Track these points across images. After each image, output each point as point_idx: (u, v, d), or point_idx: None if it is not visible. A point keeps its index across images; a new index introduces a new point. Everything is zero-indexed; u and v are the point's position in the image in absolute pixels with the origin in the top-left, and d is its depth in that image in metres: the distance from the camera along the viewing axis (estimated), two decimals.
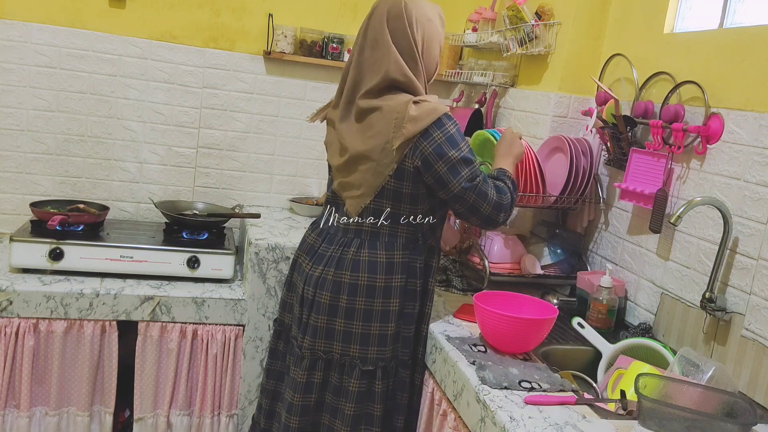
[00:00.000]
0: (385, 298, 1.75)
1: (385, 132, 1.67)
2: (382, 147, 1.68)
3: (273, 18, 2.77)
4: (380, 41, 1.70)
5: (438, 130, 1.65)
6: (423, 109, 1.65)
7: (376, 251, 1.75)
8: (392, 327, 1.76)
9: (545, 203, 2.15)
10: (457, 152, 1.67)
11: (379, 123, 1.68)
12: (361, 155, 1.72)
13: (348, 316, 1.75)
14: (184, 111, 2.80)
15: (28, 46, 2.61)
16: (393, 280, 1.76)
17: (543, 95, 2.34)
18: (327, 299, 1.76)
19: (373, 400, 1.77)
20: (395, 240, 1.77)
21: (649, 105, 1.98)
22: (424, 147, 1.65)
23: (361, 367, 1.75)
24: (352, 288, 1.74)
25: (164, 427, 2.34)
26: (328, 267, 1.77)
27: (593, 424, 1.39)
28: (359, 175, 1.74)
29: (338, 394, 1.78)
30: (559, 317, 1.72)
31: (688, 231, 1.83)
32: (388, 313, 1.75)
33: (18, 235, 2.30)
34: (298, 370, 1.80)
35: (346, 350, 1.76)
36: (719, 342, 1.69)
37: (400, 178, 1.70)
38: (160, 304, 2.28)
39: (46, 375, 2.23)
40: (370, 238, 1.77)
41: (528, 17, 2.32)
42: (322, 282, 1.77)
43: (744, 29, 1.74)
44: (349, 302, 1.74)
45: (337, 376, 1.78)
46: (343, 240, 1.79)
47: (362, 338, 1.75)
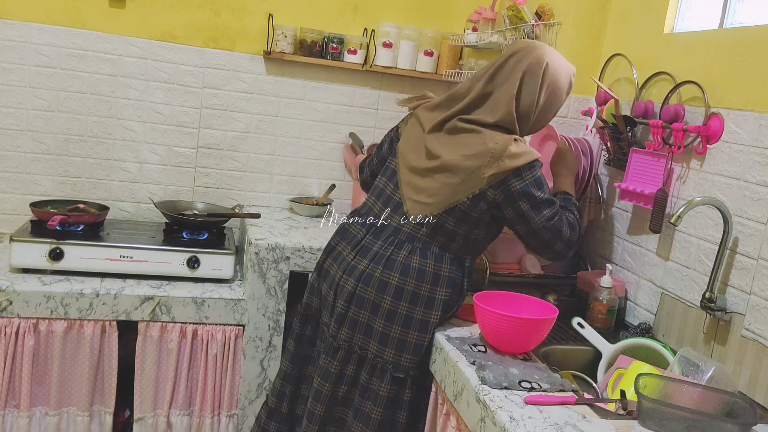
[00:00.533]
0: (427, 308, 1.75)
1: (480, 157, 1.71)
2: (473, 170, 1.71)
3: (273, 18, 2.77)
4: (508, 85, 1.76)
5: (529, 172, 1.71)
6: (522, 149, 1.71)
7: (426, 260, 1.77)
8: (428, 338, 1.76)
9: None
10: (542, 194, 1.73)
11: (476, 146, 1.72)
12: (451, 168, 1.74)
13: (389, 318, 1.75)
14: (184, 111, 2.80)
15: (28, 46, 2.61)
16: (438, 292, 1.76)
17: None
18: (372, 296, 1.76)
19: (401, 407, 1.76)
20: (446, 253, 1.79)
21: (649, 105, 1.98)
22: (512, 184, 1.70)
23: (392, 372, 1.74)
24: (398, 291, 1.74)
25: (164, 427, 2.34)
26: (376, 264, 1.77)
27: (593, 424, 1.39)
28: (437, 185, 1.76)
29: (365, 396, 1.77)
30: (559, 317, 1.72)
31: (688, 231, 1.83)
32: (427, 324, 1.75)
33: (18, 235, 2.30)
34: (331, 360, 1.80)
35: (380, 352, 1.75)
36: (719, 342, 1.69)
37: (475, 203, 1.74)
38: (160, 304, 2.28)
39: (46, 375, 2.23)
40: (422, 246, 1.78)
41: (528, 17, 2.32)
42: (367, 277, 1.77)
43: (744, 29, 1.74)
44: (393, 305, 1.75)
45: (366, 376, 1.77)
46: (393, 239, 1.79)
47: (398, 343, 1.74)
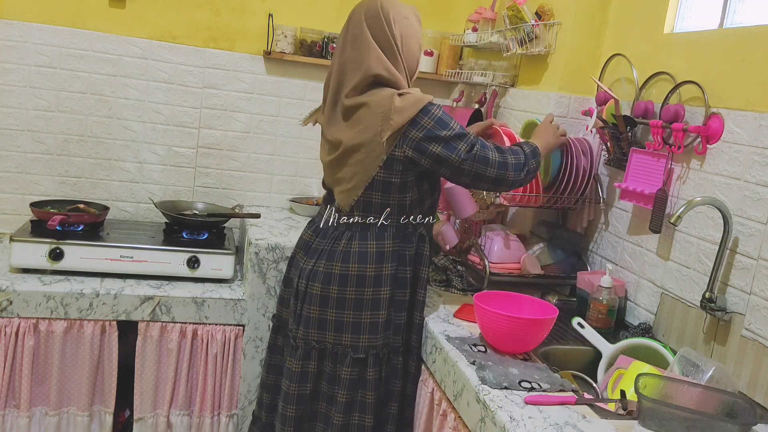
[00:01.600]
0: (375, 286, 1.79)
1: (373, 125, 1.71)
2: (371, 140, 1.72)
3: (273, 18, 2.77)
4: (360, 40, 1.76)
5: (425, 117, 1.70)
6: (408, 100, 1.70)
7: (367, 242, 1.81)
8: (383, 315, 1.80)
9: (545, 203, 2.15)
10: (449, 131, 1.71)
11: (366, 118, 1.73)
12: (351, 149, 1.76)
13: (339, 306, 1.80)
14: (184, 111, 2.80)
15: (28, 46, 2.61)
16: (383, 269, 1.80)
17: (543, 95, 2.34)
18: (318, 290, 1.81)
19: (366, 387, 1.81)
20: (385, 230, 1.81)
21: (649, 105, 1.98)
22: (413, 135, 1.70)
23: (352, 355, 1.79)
24: (342, 278, 1.79)
25: (164, 427, 2.34)
26: (320, 260, 1.83)
27: (593, 424, 1.39)
28: (349, 168, 1.79)
29: (332, 383, 1.83)
30: (559, 317, 1.72)
31: (688, 231, 1.83)
32: (378, 301, 1.80)
33: (18, 235, 2.30)
34: (293, 360, 1.85)
35: (338, 339, 1.81)
36: (719, 342, 1.69)
37: (390, 168, 1.74)
38: (160, 304, 2.28)
39: (46, 375, 2.23)
40: (361, 230, 1.82)
41: (528, 17, 2.32)
42: (314, 274, 1.82)
43: (744, 29, 1.74)
44: (340, 292, 1.79)
45: (330, 365, 1.83)
46: (334, 233, 1.85)
47: (353, 327, 1.80)
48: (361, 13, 1.78)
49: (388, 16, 1.75)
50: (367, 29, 1.75)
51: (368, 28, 1.75)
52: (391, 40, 1.74)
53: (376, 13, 1.75)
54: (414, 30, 1.80)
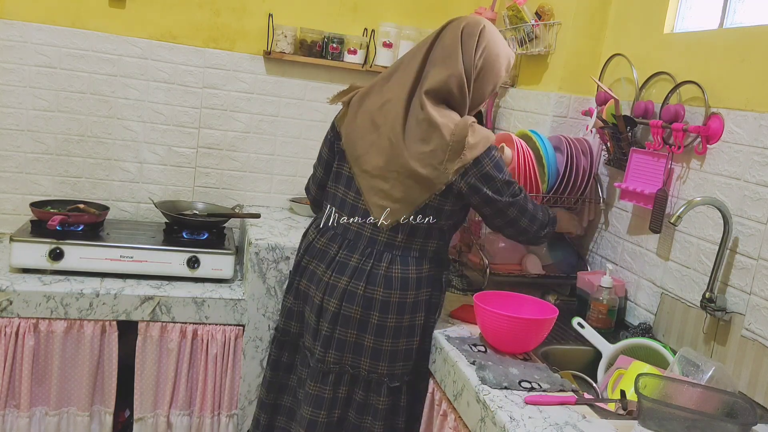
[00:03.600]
0: (412, 313, 1.74)
1: (441, 151, 1.65)
2: (436, 167, 1.66)
3: (273, 18, 2.77)
4: (451, 49, 1.70)
5: (487, 158, 1.68)
6: (479, 137, 1.67)
7: (408, 267, 1.74)
8: (417, 341, 1.75)
9: (545, 203, 2.15)
10: (503, 176, 1.71)
11: (435, 140, 1.66)
12: (413, 174, 1.67)
13: (378, 333, 1.72)
14: (184, 111, 2.80)
15: (28, 46, 2.61)
16: (420, 295, 1.75)
17: (543, 95, 2.34)
18: (358, 314, 1.71)
19: (398, 414, 1.76)
20: (425, 255, 1.77)
21: (649, 105, 1.98)
22: (473, 173, 1.68)
23: (389, 384, 1.73)
24: (384, 305, 1.71)
25: (164, 427, 2.34)
26: (357, 280, 1.72)
27: (593, 424, 1.39)
28: (402, 188, 1.69)
29: (363, 412, 1.75)
30: (559, 317, 1.72)
31: (688, 231, 1.83)
32: (414, 328, 1.74)
33: (18, 235, 2.30)
34: (321, 386, 1.74)
35: (374, 367, 1.72)
36: (719, 342, 1.69)
37: (446, 196, 1.71)
38: (160, 304, 2.28)
39: (46, 375, 2.23)
40: (402, 253, 1.74)
41: (528, 17, 2.32)
42: (350, 295, 1.72)
43: (744, 29, 1.74)
44: (381, 319, 1.71)
45: (362, 393, 1.74)
46: (370, 251, 1.74)
47: (391, 355, 1.72)
48: (460, 27, 1.72)
49: (481, 42, 1.71)
50: (460, 43, 1.70)
51: (461, 43, 1.70)
52: (471, 65, 1.70)
53: (473, 32, 1.71)
54: (497, 71, 1.76)
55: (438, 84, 1.68)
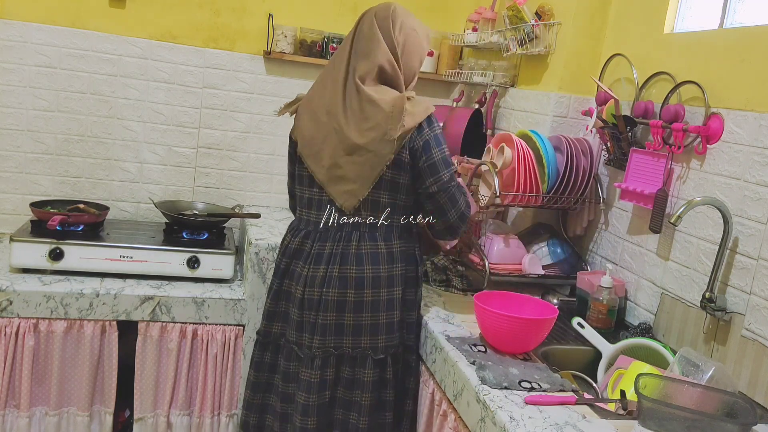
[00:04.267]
0: (389, 287, 1.81)
1: (383, 124, 1.74)
2: (380, 138, 1.74)
3: (273, 18, 2.77)
4: (369, 36, 1.80)
5: (428, 127, 1.78)
6: (417, 107, 1.77)
7: (377, 242, 1.81)
8: (397, 314, 1.82)
9: (545, 203, 2.15)
10: (440, 152, 1.79)
11: (376, 115, 1.74)
12: (358, 147, 1.76)
13: (357, 309, 1.79)
14: (184, 111, 2.80)
15: (28, 46, 2.61)
16: (394, 269, 1.82)
17: (543, 95, 2.34)
18: (335, 296, 1.79)
19: (386, 386, 1.82)
20: (392, 230, 1.84)
21: (649, 105, 1.98)
22: (417, 139, 1.76)
23: (372, 356, 1.79)
24: (359, 281, 1.78)
25: (164, 427, 2.34)
26: (332, 264, 1.80)
27: (593, 424, 1.39)
28: (354, 167, 1.77)
29: (351, 387, 1.81)
30: (559, 317, 1.72)
31: (688, 231, 1.83)
32: (392, 302, 1.81)
33: (18, 235, 2.30)
34: (309, 371, 1.80)
35: (357, 343, 1.80)
36: (719, 342, 1.69)
37: (398, 168, 1.77)
38: (160, 304, 2.28)
39: (46, 375, 2.23)
40: (369, 230, 1.82)
41: (528, 17, 2.32)
42: (328, 280, 1.79)
43: (744, 29, 1.74)
44: (357, 295, 1.78)
45: (348, 370, 1.81)
46: (340, 235, 1.82)
47: (371, 328, 1.79)
48: (372, 14, 1.82)
49: (396, 21, 1.80)
50: (377, 28, 1.79)
51: (378, 27, 1.79)
52: (394, 43, 1.79)
53: (386, 15, 1.80)
54: (418, 43, 1.84)
55: (369, 67, 1.77)
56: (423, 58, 1.87)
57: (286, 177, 2.05)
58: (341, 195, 1.81)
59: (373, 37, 1.79)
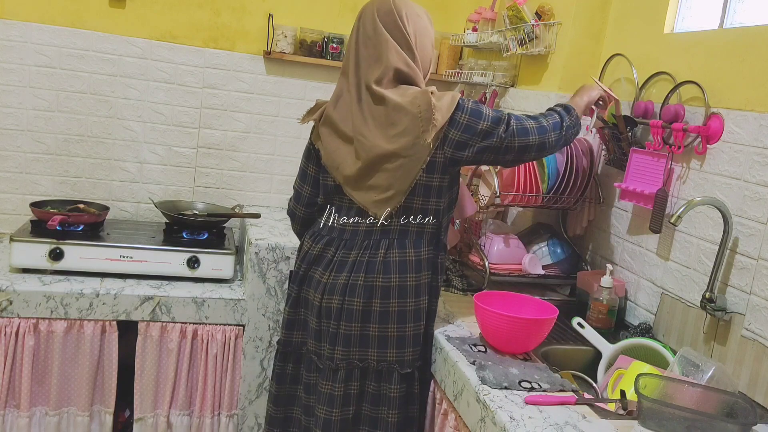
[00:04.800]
0: (416, 297, 1.72)
1: (412, 128, 1.64)
2: (413, 143, 1.64)
3: (273, 18, 2.77)
4: (375, 37, 1.70)
5: (460, 112, 1.66)
6: (444, 99, 1.66)
7: (405, 250, 1.72)
8: (423, 325, 1.74)
9: (545, 203, 2.15)
10: (485, 121, 1.66)
11: (402, 119, 1.65)
12: (390, 154, 1.66)
13: (382, 320, 1.70)
14: (184, 111, 2.80)
15: (28, 46, 2.61)
16: (421, 278, 1.73)
17: (543, 95, 2.34)
18: (359, 305, 1.70)
19: (413, 402, 1.75)
20: (422, 237, 1.74)
21: (649, 105, 1.98)
22: (453, 134, 1.65)
23: (399, 371, 1.71)
24: (385, 291, 1.69)
25: (164, 427, 2.34)
26: (357, 272, 1.71)
27: (593, 424, 1.39)
28: (385, 174, 1.68)
29: (377, 403, 1.73)
30: (559, 317, 1.72)
31: (688, 231, 1.83)
32: (419, 312, 1.72)
33: (18, 235, 2.30)
34: (332, 384, 1.72)
35: (382, 356, 1.71)
36: (719, 342, 1.69)
37: (431, 171, 1.68)
38: (160, 304, 2.28)
39: (46, 375, 2.23)
40: (399, 237, 1.72)
41: (528, 17, 2.32)
42: (351, 288, 1.70)
43: (744, 29, 1.74)
44: (383, 305, 1.70)
45: (374, 385, 1.72)
46: (367, 243, 1.72)
47: (398, 341, 1.70)
48: (373, 11, 1.71)
49: (401, 12, 1.69)
50: (382, 25, 1.69)
51: (382, 24, 1.69)
52: (407, 36, 1.69)
53: (389, 9, 1.69)
54: (427, 29, 1.75)
55: (384, 71, 1.67)
56: (433, 41, 1.79)
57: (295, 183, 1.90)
58: (373, 204, 1.70)
59: (381, 38, 1.68)
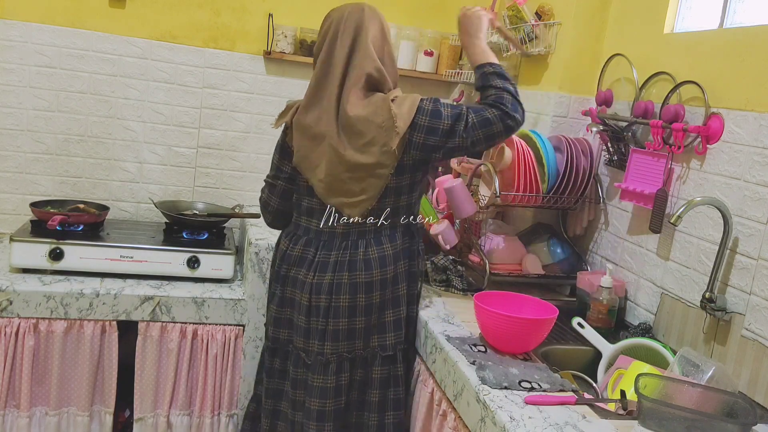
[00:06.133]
0: (394, 285, 1.84)
1: (379, 137, 1.74)
2: (380, 152, 1.75)
3: (273, 18, 2.77)
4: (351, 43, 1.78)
5: (421, 116, 1.75)
6: (403, 105, 1.75)
7: (383, 246, 1.83)
8: (403, 311, 1.85)
9: (545, 203, 2.15)
10: (445, 120, 1.75)
11: (369, 129, 1.74)
12: (361, 166, 1.76)
13: (366, 312, 1.81)
14: (184, 111, 2.80)
15: (28, 46, 2.61)
16: (399, 267, 1.85)
17: (543, 95, 2.34)
18: (346, 302, 1.80)
19: (398, 384, 1.85)
20: (396, 230, 1.85)
21: (649, 105, 1.98)
22: (416, 138, 1.75)
23: (381, 353, 1.83)
24: (368, 286, 1.80)
25: (164, 427, 2.34)
26: (340, 272, 1.80)
27: (593, 424, 1.39)
28: (357, 182, 1.78)
29: (364, 387, 1.84)
30: (559, 317, 1.72)
31: (688, 231, 1.83)
32: (398, 299, 1.84)
33: (18, 235, 2.30)
34: (324, 377, 1.81)
35: (367, 344, 1.83)
36: (719, 342, 1.69)
37: (401, 173, 1.79)
38: (160, 304, 2.28)
39: (46, 375, 2.23)
40: (375, 236, 1.83)
41: (528, 17, 2.32)
42: (337, 287, 1.80)
43: (744, 29, 1.74)
44: (367, 299, 1.81)
45: (361, 371, 1.84)
46: (346, 243, 1.83)
47: (380, 328, 1.83)
48: (345, 19, 1.79)
49: (373, 19, 1.79)
50: (355, 33, 1.77)
51: (355, 33, 1.77)
52: (379, 42, 1.79)
53: (360, 17, 1.78)
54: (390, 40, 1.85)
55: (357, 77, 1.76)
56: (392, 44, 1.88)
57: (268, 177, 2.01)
58: (346, 207, 1.80)
59: (354, 45, 1.76)
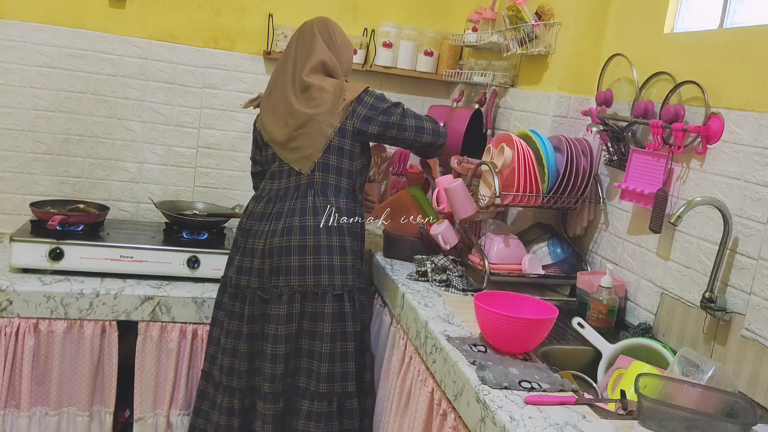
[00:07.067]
0: (339, 236, 2.10)
1: (328, 101, 2.09)
2: (327, 110, 2.08)
3: (273, 18, 2.77)
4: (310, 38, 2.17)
5: (367, 95, 2.13)
6: (354, 86, 2.15)
7: (328, 198, 2.11)
8: (350, 259, 2.11)
9: (545, 203, 2.15)
10: (386, 103, 2.14)
11: (321, 96, 2.10)
12: (308, 118, 2.08)
13: (315, 251, 2.06)
14: (184, 111, 2.80)
15: (28, 46, 2.61)
16: (342, 221, 2.13)
17: (543, 95, 2.34)
18: (296, 242, 2.06)
19: (345, 319, 2.08)
20: (340, 191, 2.13)
21: (649, 105, 1.98)
22: (359, 110, 2.11)
23: (331, 292, 2.06)
24: (315, 229, 2.07)
25: (164, 427, 2.34)
26: (291, 217, 2.08)
27: (593, 424, 1.39)
28: (305, 137, 2.09)
29: (314, 319, 2.07)
30: (559, 317, 1.72)
31: (688, 231, 1.83)
32: (344, 248, 2.11)
33: (18, 235, 2.30)
34: (278, 307, 2.05)
35: (318, 281, 2.06)
36: (719, 342, 1.69)
37: (343, 136, 2.10)
38: (160, 304, 2.28)
39: (46, 375, 2.23)
40: (321, 188, 2.11)
41: (528, 17, 2.32)
42: (289, 230, 2.06)
43: (744, 29, 1.74)
44: (315, 240, 2.07)
45: (311, 305, 2.06)
46: (297, 193, 2.11)
47: (329, 269, 2.07)
48: (312, 25, 2.20)
49: (332, 28, 2.21)
50: (317, 32, 2.17)
51: (317, 32, 2.17)
52: (333, 42, 2.19)
53: (324, 23, 2.21)
54: (350, 48, 2.26)
55: (314, 62, 2.13)
56: (352, 55, 2.30)
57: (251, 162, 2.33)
58: (297, 161, 2.11)
59: (315, 40, 2.16)
